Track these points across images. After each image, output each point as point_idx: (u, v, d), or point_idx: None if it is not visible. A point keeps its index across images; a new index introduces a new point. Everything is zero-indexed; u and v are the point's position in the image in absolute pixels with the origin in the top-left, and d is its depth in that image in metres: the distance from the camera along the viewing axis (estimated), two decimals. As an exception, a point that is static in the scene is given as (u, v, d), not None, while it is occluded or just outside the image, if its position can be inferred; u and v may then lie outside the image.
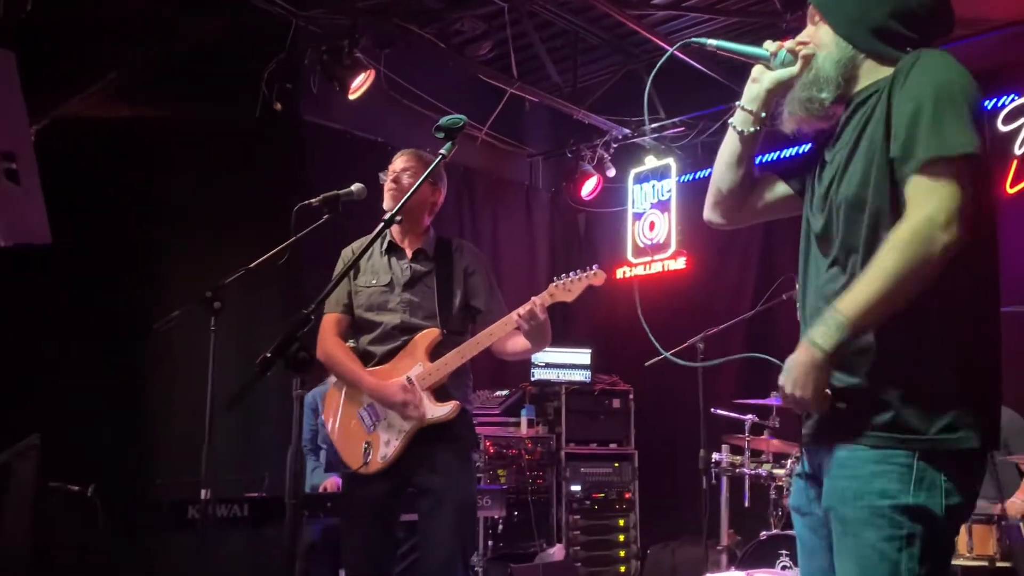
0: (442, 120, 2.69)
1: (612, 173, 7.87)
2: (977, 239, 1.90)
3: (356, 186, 3.32)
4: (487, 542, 6.00)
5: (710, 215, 2.39)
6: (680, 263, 7.65)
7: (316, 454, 5.62)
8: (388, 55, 6.43)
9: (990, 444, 1.95)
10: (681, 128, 7.61)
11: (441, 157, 2.74)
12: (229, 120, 6.15)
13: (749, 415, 5.36)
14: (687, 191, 7.68)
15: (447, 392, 3.46)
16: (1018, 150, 5.91)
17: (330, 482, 5.23)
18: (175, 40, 5.83)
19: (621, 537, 7.09)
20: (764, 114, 2.22)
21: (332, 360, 3.54)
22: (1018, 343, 3.26)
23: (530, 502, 6.56)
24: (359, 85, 6.12)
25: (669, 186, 7.83)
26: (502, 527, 6.24)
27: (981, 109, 1.94)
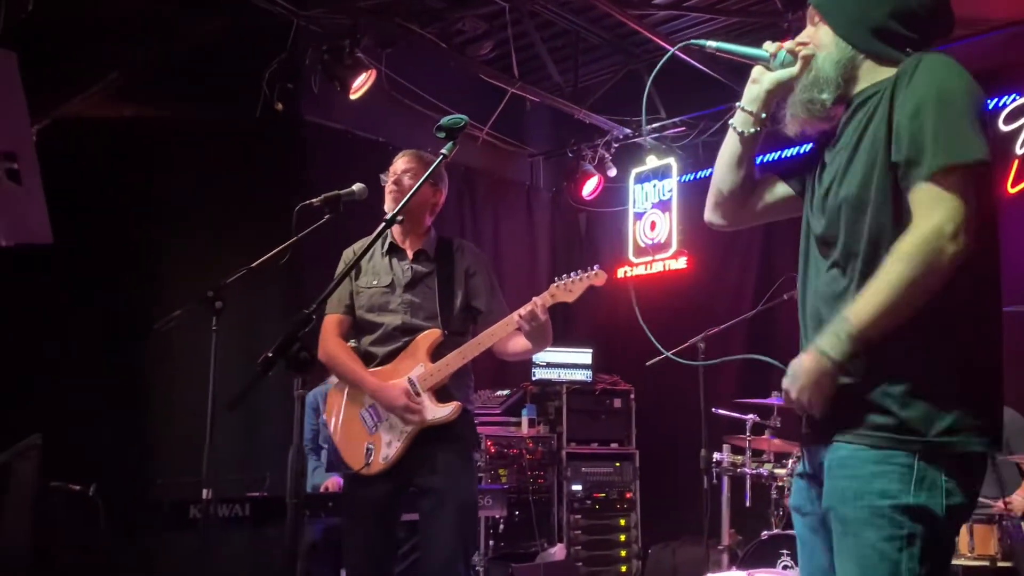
0: (443, 120, 2.69)
1: (613, 173, 7.87)
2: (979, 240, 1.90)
3: (357, 186, 3.32)
4: (488, 542, 6.00)
5: (711, 216, 2.39)
6: (681, 263, 7.64)
7: (317, 454, 5.62)
8: (389, 55, 6.43)
9: (992, 447, 1.96)
10: (682, 128, 7.61)
11: (442, 157, 2.73)
12: (230, 120, 6.15)
13: (750, 415, 5.36)
14: (688, 191, 7.68)
15: (448, 393, 3.45)
16: (1019, 150, 5.91)
17: (331, 482, 5.23)
18: (176, 40, 5.83)
19: (622, 537, 7.09)
20: (764, 115, 2.21)
21: (334, 361, 3.54)
22: (1019, 343, 3.26)
23: (531, 502, 6.56)
24: (360, 85, 6.12)
25: (670, 186, 7.82)
26: (503, 527, 6.24)
27: (985, 112, 1.94)
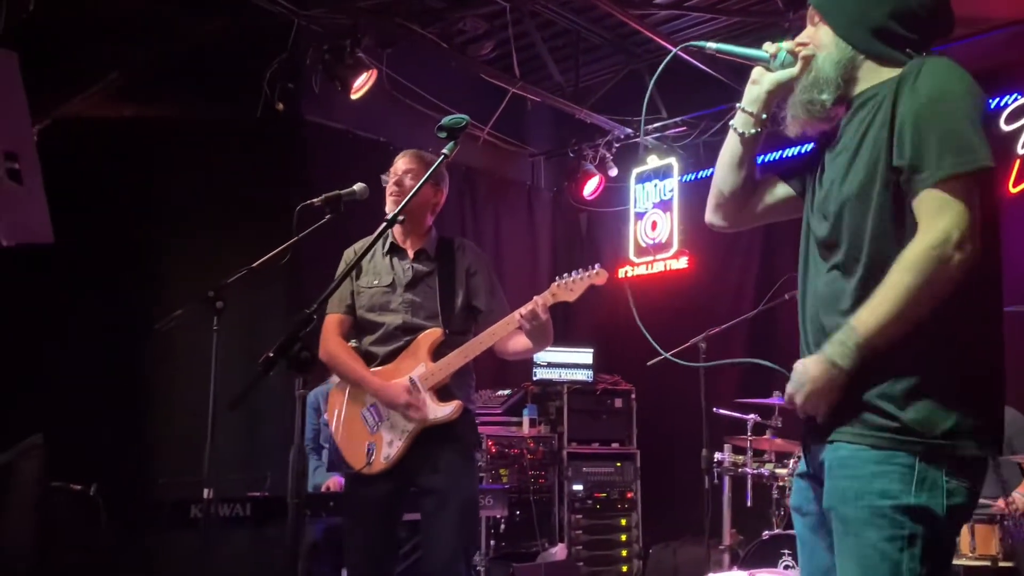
0: (444, 120, 2.69)
1: (614, 173, 7.86)
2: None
3: (358, 186, 3.32)
4: (489, 542, 6.00)
5: (712, 218, 2.39)
6: (682, 263, 7.64)
7: (318, 453, 5.62)
8: (390, 55, 6.43)
9: (993, 451, 1.96)
10: (683, 128, 7.61)
11: (443, 157, 2.74)
12: (231, 120, 6.15)
13: (751, 415, 5.36)
14: (689, 191, 7.68)
15: (450, 392, 3.45)
16: (1020, 150, 5.91)
17: (332, 481, 5.23)
18: (177, 40, 5.83)
19: (623, 537, 7.09)
20: (765, 116, 2.21)
21: (335, 360, 3.54)
22: (1019, 343, 3.25)
23: (532, 502, 6.56)
24: (361, 85, 6.12)
25: (671, 186, 7.82)
26: (504, 527, 6.24)
27: (987, 114, 1.94)
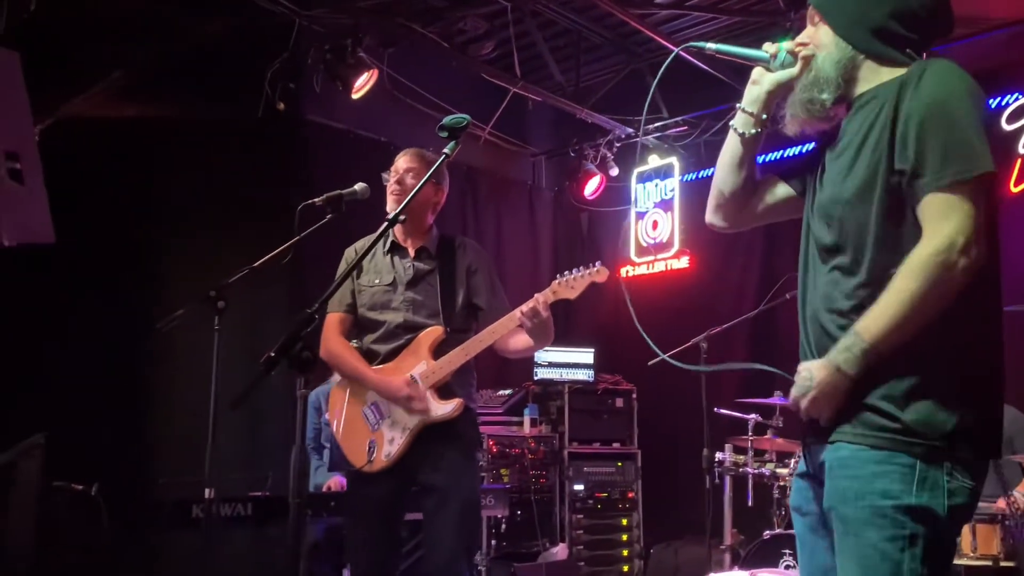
0: (446, 119, 2.69)
1: (615, 172, 7.86)
2: None
3: (359, 185, 3.32)
4: (490, 541, 5.99)
5: (712, 218, 2.39)
6: (683, 262, 7.65)
7: (319, 453, 5.62)
8: (391, 54, 6.43)
9: (992, 454, 1.96)
10: (684, 127, 7.60)
11: (444, 157, 2.74)
12: (232, 120, 6.15)
13: (752, 414, 5.36)
14: (690, 190, 7.68)
15: (451, 390, 3.46)
16: (1021, 149, 5.91)
17: (333, 481, 5.24)
18: (178, 40, 5.83)
19: (624, 536, 7.09)
20: (765, 116, 2.22)
21: (335, 358, 3.55)
22: (1019, 343, 3.25)
23: (533, 501, 6.56)
24: (362, 84, 6.12)
25: (672, 185, 7.83)
26: (505, 526, 6.24)
27: (989, 118, 1.95)
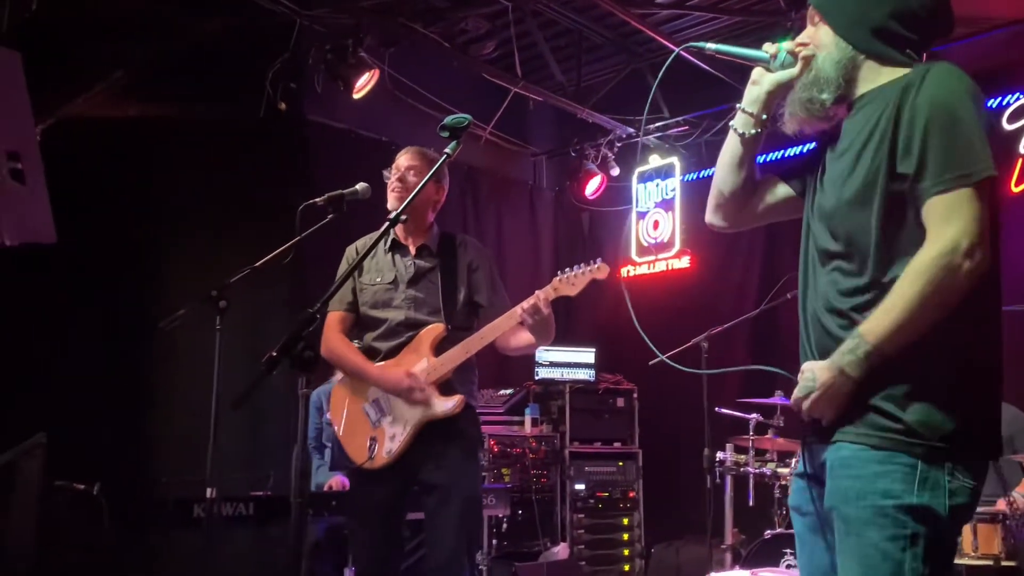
0: (447, 119, 2.70)
1: (616, 172, 7.87)
2: None
3: (361, 185, 3.32)
4: (491, 541, 6.00)
5: (712, 218, 2.39)
6: (684, 262, 7.65)
7: (321, 452, 5.63)
8: (392, 54, 6.43)
9: (992, 453, 1.96)
10: (685, 127, 7.60)
11: (446, 156, 2.74)
12: (233, 119, 6.15)
13: (753, 414, 5.37)
14: (691, 190, 7.68)
15: (452, 387, 3.45)
16: (1022, 149, 5.90)
17: (335, 481, 5.24)
18: (179, 39, 5.83)
19: (625, 536, 7.09)
20: (765, 116, 2.22)
21: (335, 355, 3.55)
22: (1019, 343, 3.26)
23: (534, 501, 6.56)
24: (363, 84, 6.12)
25: (673, 185, 7.83)
26: (506, 526, 6.24)
27: (989, 121, 1.95)
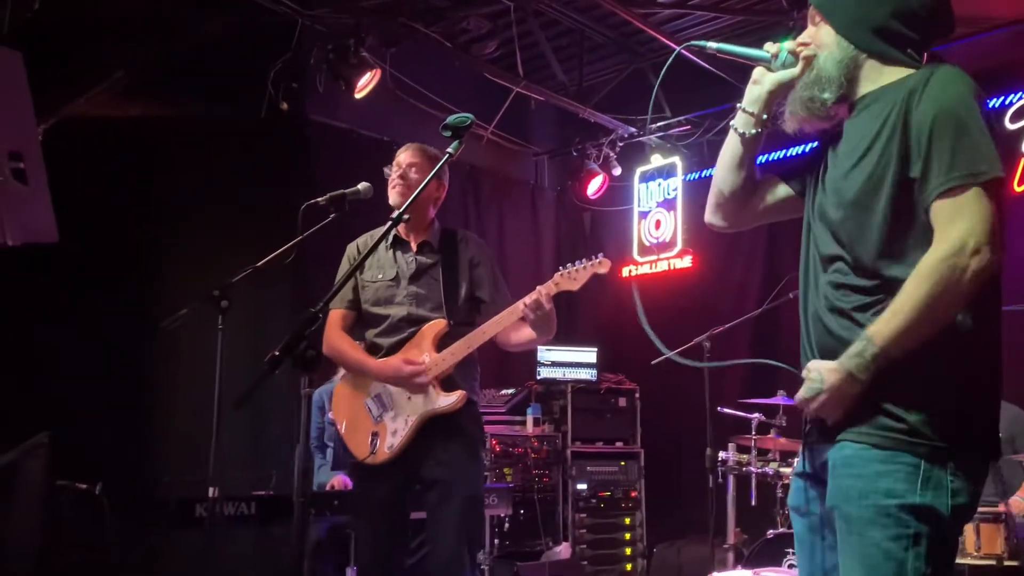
0: (449, 119, 2.70)
1: (618, 172, 7.86)
2: None
3: (363, 185, 3.33)
4: (493, 540, 5.99)
5: (712, 218, 2.39)
6: (686, 262, 7.64)
7: (323, 452, 5.63)
8: (394, 54, 6.43)
9: (993, 453, 1.97)
10: (687, 127, 7.60)
11: (448, 156, 2.75)
12: (235, 119, 6.15)
13: (755, 414, 5.37)
14: (693, 189, 7.67)
15: (454, 383, 3.46)
16: (1024, 148, 5.90)
17: (337, 480, 5.25)
18: (181, 39, 5.83)
19: (627, 536, 7.09)
20: (765, 116, 2.22)
21: (336, 351, 3.56)
22: (1019, 342, 3.25)
23: (536, 500, 6.56)
24: (365, 84, 6.12)
25: (675, 184, 7.82)
26: (508, 525, 6.24)
27: (992, 122, 1.96)
